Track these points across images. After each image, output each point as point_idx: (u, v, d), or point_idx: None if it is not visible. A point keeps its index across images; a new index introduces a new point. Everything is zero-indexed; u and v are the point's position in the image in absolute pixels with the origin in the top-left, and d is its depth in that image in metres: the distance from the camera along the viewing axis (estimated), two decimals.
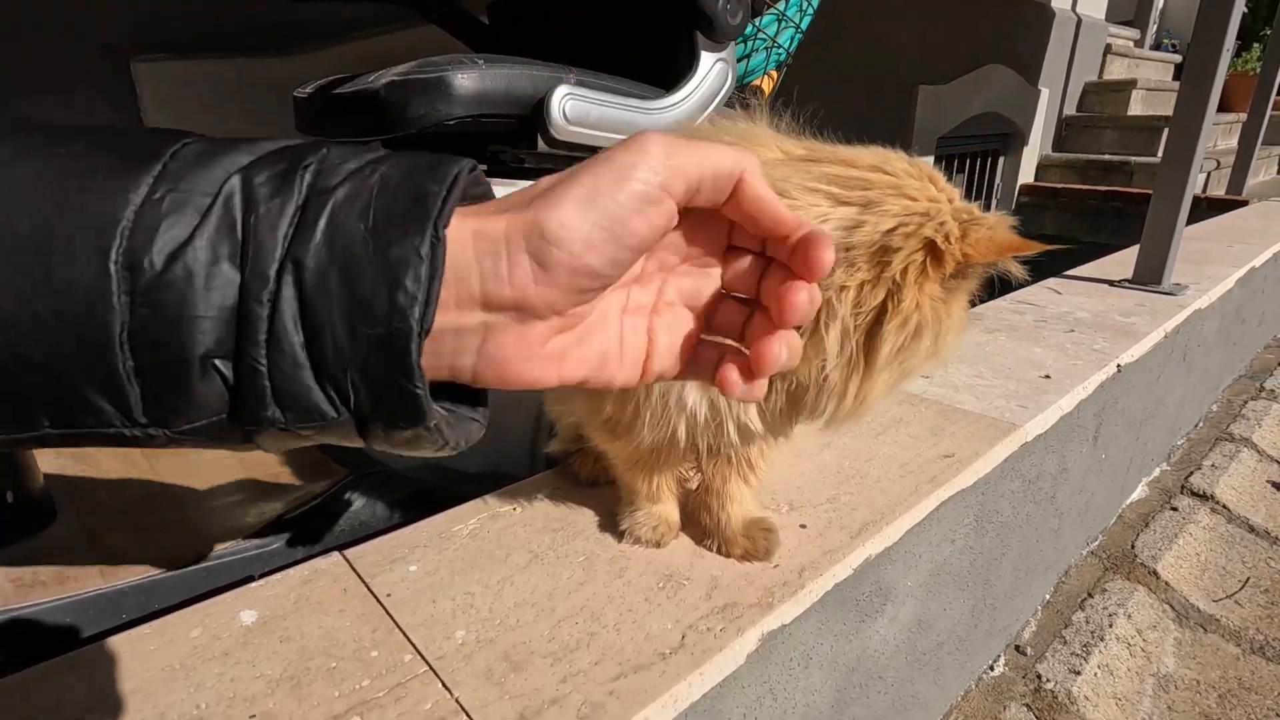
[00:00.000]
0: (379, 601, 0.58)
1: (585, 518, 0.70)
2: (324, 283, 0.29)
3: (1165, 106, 4.94)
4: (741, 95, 1.42)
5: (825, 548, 0.67)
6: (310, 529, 0.89)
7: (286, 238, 0.29)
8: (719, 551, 0.65)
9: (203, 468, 1.07)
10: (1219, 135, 5.36)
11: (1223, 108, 5.89)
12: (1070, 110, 4.97)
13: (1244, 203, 3.48)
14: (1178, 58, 6.20)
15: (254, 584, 0.59)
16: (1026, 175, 4.72)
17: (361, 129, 0.99)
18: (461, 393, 0.36)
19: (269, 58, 1.41)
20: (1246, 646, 1.19)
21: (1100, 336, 1.32)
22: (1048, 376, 1.11)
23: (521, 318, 0.32)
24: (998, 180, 4.67)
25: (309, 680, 0.50)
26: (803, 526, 0.70)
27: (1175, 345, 1.53)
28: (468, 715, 0.47)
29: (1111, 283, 1.75)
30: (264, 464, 1.09)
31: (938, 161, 3.95)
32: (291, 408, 0.30)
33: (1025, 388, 1.07)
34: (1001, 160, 4.62)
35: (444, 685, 0.49)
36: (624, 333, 0.35)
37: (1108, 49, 5.18)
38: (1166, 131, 1.64)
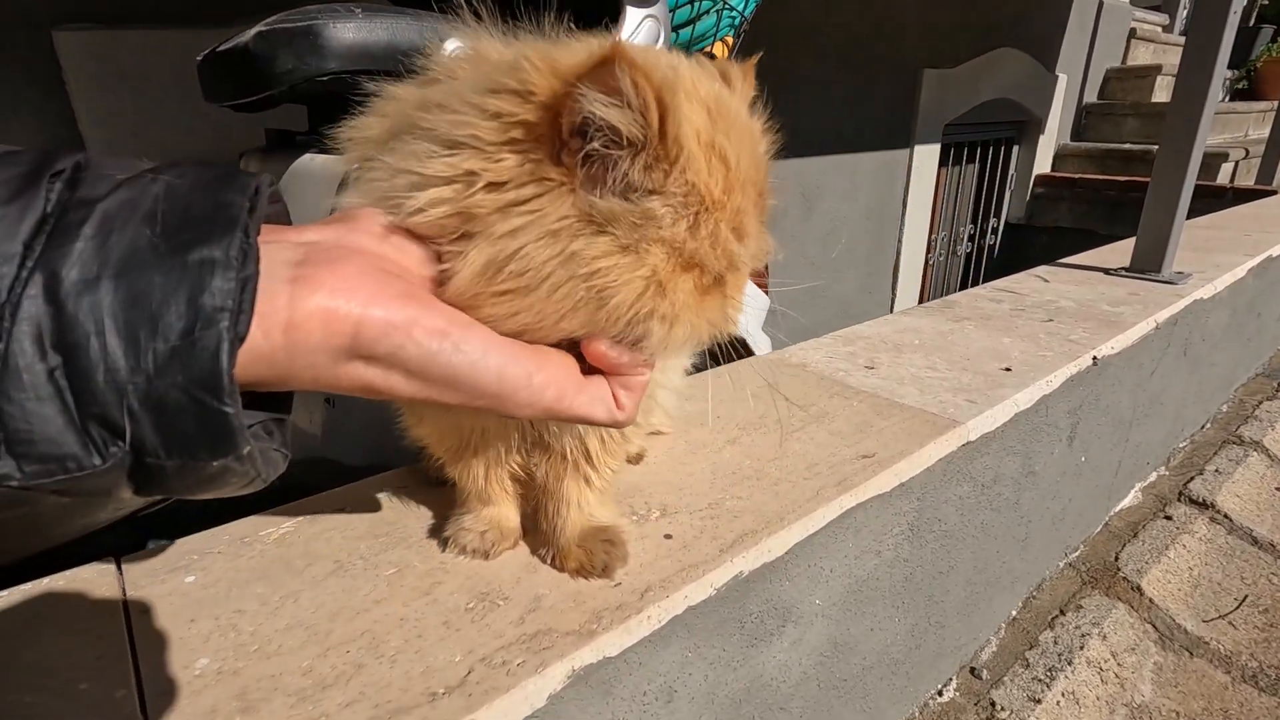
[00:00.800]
0: (127, 620, 0.49)
1: (419, 522, 0.61)
2: (91, 294, 0.25)
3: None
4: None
5: (686, 563, 0.56)
6: (158, 526, 0.81)
7: (29, 247, 0.25)
8: (553, 564, 0.55)
9: None
10: (1250, 124, 5.11)
11: (1255, 96, 5.64)
12: (1091, 98, 4.77)
13: (1272, 193, 3.28)
14: None
15: None
16: (1043, 165, 4.53)
17: (236, 90, 0.91)
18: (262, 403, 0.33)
19: (208, 29, 1.32)
20: (1237, 674, 1.07)
21: (1080, 327, 1.19)
22: (1008, 369, 0.99)
23: None
24: (1012, 170, 4.49)
25: None
26: (668, 537, 0.60)
27: (1173, 338, 1.39)
28: None
29: (1107, 271, 1.62)
30: None
31: (946, 150, 3.80)
32: (28, 455, 0.25)
33: (980, 381, 0.95)
34: (1016, 149, 4.44)
35: None
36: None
37: (1132, 33, 4.95)
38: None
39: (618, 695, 0.54)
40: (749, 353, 1.18)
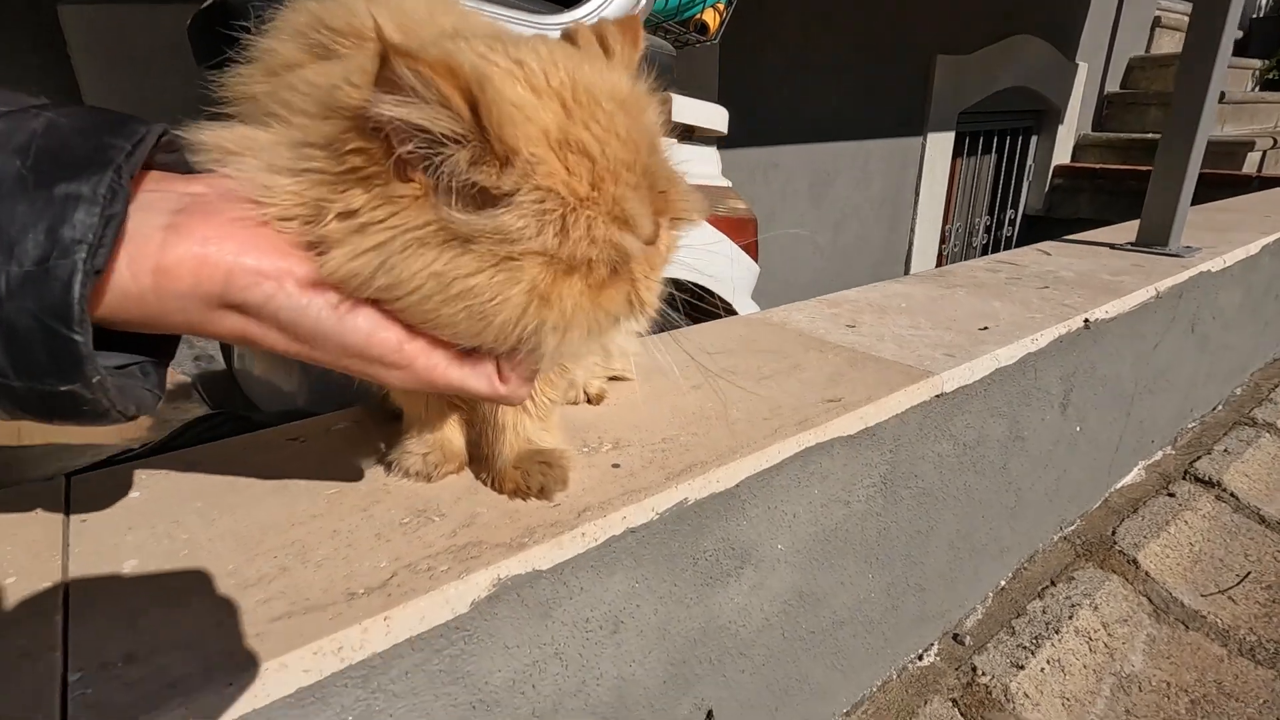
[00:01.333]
0: (66, 528, 0.50)
1: (369, 450, 0.61)
2: None
3: (1221, 83, 4.59)
4: (682, 30, 1.31)
5: (629, 488, 0.56)
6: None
7: None
8: (493, 487, 0.55)
9: None
10: (1279, 115, 4.97)
11: None
12: (1113, 87, 4.67)
13: None
14: (1238, 33, 5.79)
15: None
16: (1062, 155, 4.45)
17: (221, 48, 0.92)
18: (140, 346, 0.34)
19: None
20: (1234, 647, 1.03)
21: (1076, 293, 1.16)
22: (986, 328, 0.97)
23: None
24: (1030, 161, 4.41)
25: None
26: (615, 466, 0.59)
27: (1178, 312, 1.35)
28: (64, 651, 0.38)
29: (1113, 246, 1.58)
30: None
31: (961, 139, 3.74)
32: None
33: (963, 339, 0.93)
34: (1034, 139, 4.36)
35: (63, 619, 0.41)
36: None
37: (1157, 21, 4.84)
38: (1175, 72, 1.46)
39: (558, 619, 0.54)
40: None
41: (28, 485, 0.55)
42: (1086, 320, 1.05)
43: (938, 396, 0.81)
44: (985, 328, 0.96)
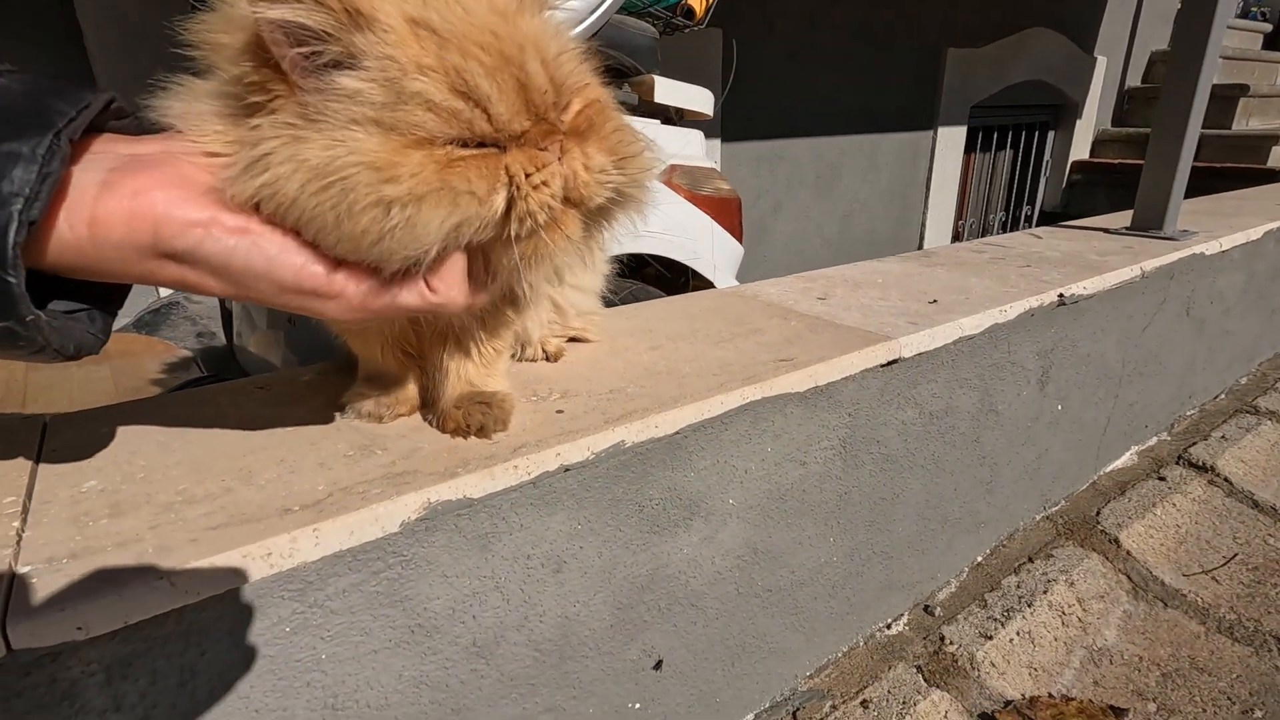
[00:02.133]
0: (37, 454, 0.53)
1: (328, 395, 0.64)
2: None
3: (1248, 76, 4.49)
4: (669, 15, 1.33)
5: (568, 430, 0.58)
6: None
7: None
8: (437, 427, 0.58)
9: (75, 373, 1.06)
10: None
11: None
12: (1134, 81, 4.59)
13: None
14: (1267, 26, 5.66)
15: None
16: (1081, 151, 4.39)
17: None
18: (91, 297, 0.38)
19: None
20: (1213, 625, 1.03)
21: (1058, 271, 1.16)
22: (935, 302, 0.98)
23: None
24: (1047, 156, 4.36)
25: None
26: (559, 412, 0.62)
27: (1169, 293, 1.34)
28: (17, 548, 0.42)
29: (1108, 231, 1.57)
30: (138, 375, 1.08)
31: (973, 133, 3.71)
32: None
33: (930, 309, 0.94)
34: (1051, 134, 4.31)
35: (20, 525, 0.44)
36: None
37: (1177, 16, 4.75)
38: (1171, 59, 1.45)
39: (497, 553, 0.56)
40: None
41: (8, 419, 0.59)
42: (1061, 295, 1.05)
43: (895, 361, 0.82)
44: (934, 301, 0.97)
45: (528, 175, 0.39)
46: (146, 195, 0.34)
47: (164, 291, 1.70)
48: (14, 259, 0.31)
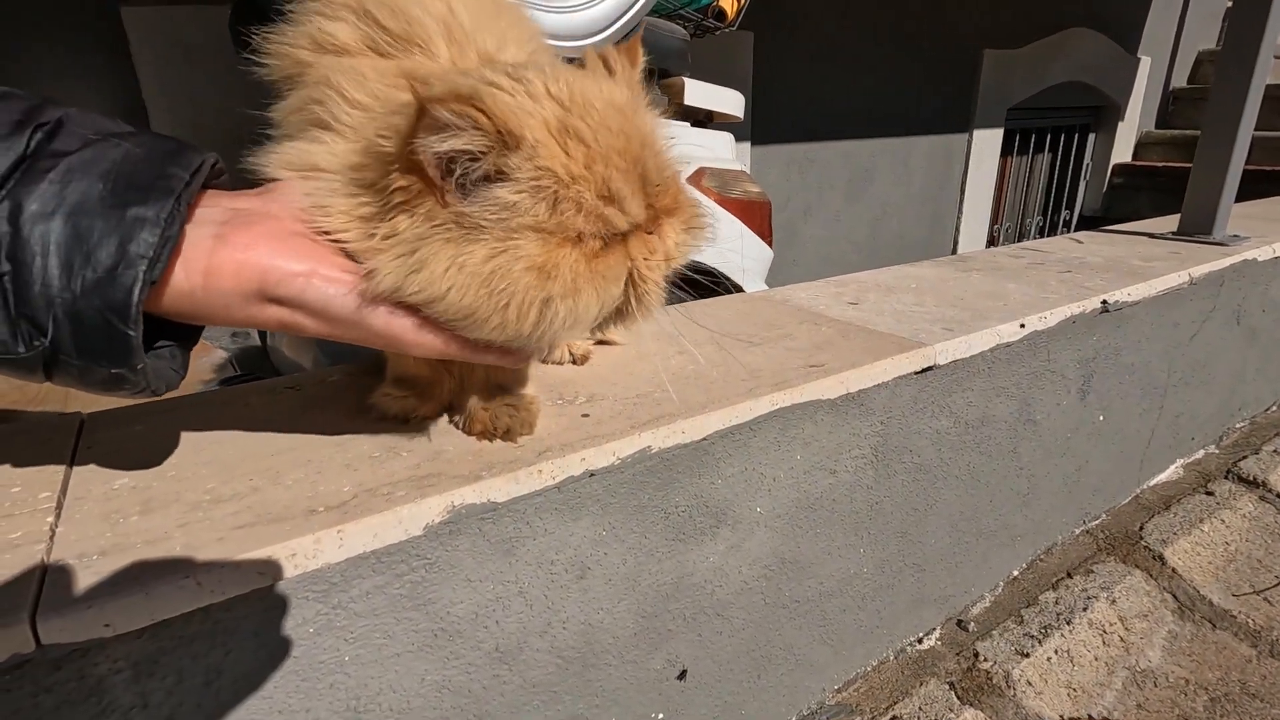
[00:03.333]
0: (73, 451, 0.54)
1: (357, 396, 0.64)
2: (44, 224, 0.33)
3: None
4: (700, 17, 1.32)
5: (594, 434, 0.57)
6: None
7: (5, 178, 0.33)
8: (463, 429, 0.57)
9: None
10: None
11: None
12: (1180, 82, 4.45)
13: None
14: None
15: None
16: (1123, 154, 4.27)
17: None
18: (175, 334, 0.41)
19: None
20: (1265, 648, 0.98)
21: (1100, 277, 1.13)
22: (958, 307, 0.95)
23: None
24: (1087, 159, 4.25)
25: None
26: (585, 416, 0.61)
27: (1219, 300, 1.29)
28: (50, 543, 0.42)
29: (1153, 235, 1.52)
30: None
31: (1010, 136, 3.63)
32: None
33: (966, 315, 0.91)
34: (1092, 137, 4.19)
35: (54, 520, 0.45)
36: None
37: (1229, 13, 4.60)
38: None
39: (521, 558, 0.56)
40: None
41: (48, 416, 0.60)
42: (1104, 302, 1.01)
43: (929, 369, 0.80)
44: (958, 306, 0.94)
45: (645, 259, 0.44)
46: (254, 249, 0.39)
47: None
48: (136, 315, 0.35)
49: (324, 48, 0.48)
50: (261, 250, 0.39)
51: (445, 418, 0.60)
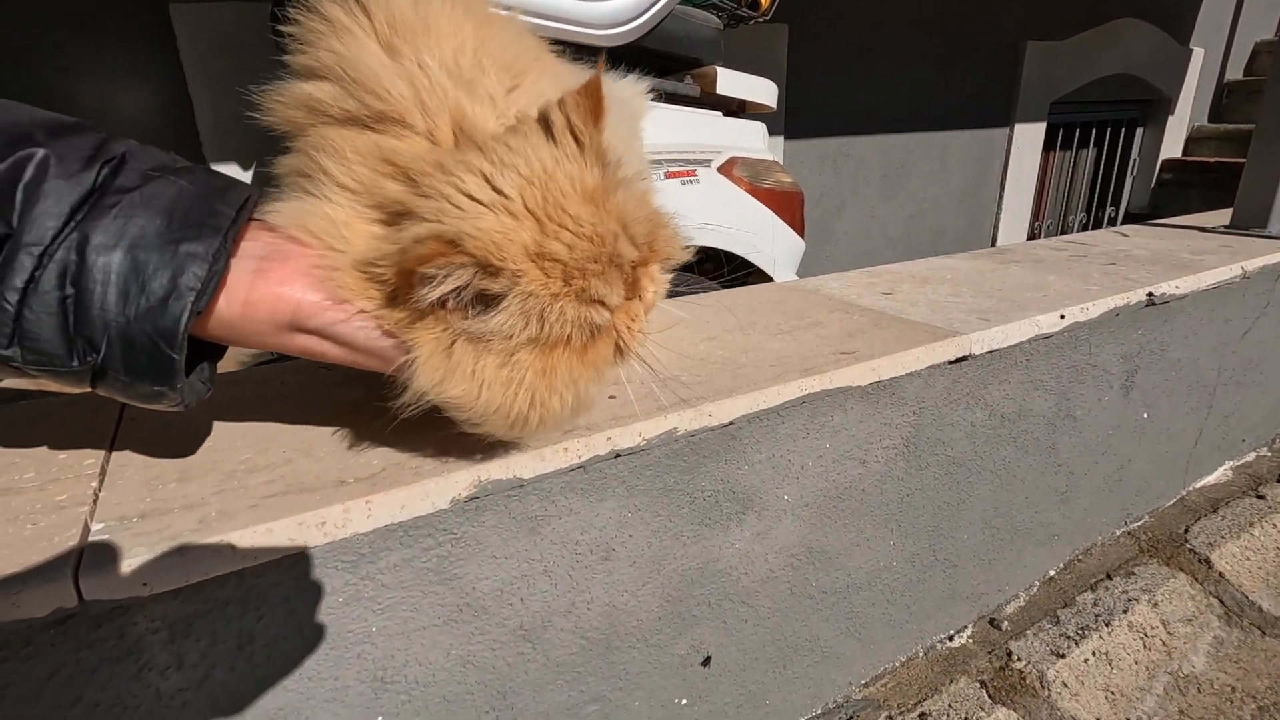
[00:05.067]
0: (116, 423, 0.56)
1: (388, 379, 0.65)
2: (108, 255, 0.36)
3: None
4: (734, 7, 1.31)
5: (619, 415, 0.57)
6: None
7: (75, 210, 0.36)
8: None
9: None
10: None
11: None
12: (1234, 74, 4.28)
13: None
14: None
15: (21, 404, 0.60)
16: (1172, 149, 4.12)
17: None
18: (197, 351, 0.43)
19: None
20: None
21: (1146, 270, 1.09)
22: (995, 297, 0.92)
23: None
24: (1134, 155, 4.12)
25: None
26: (611, 398, 0.61)
27: (1275, 296, 1.24)
28: (93, 506, 0.44)
29: (1204, 229, 1.46)
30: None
31: (1053, 131, 3.54)
32: (33, 350, 0.36)
33: (1003, 305, 0.89)
34: (1140, 131, 4.06)
35: (98, 485, 0.46)
36: None
37: None
38: None
39: (546, 537, 0.56)
40: None
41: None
42: (1150, 294, 0.98)
43: (965, 359, 0.78)
44: (1006, 298, 0.92)
45: (628, 328, 0.48)
46: (290, 284, 0.42)
47: None
48: (182, 341, 0.38)
49: (314, 111, 0.49)
50: (297, 285, 0.42)
51: None
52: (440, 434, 0.54)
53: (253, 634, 0.45)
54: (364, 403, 0.60)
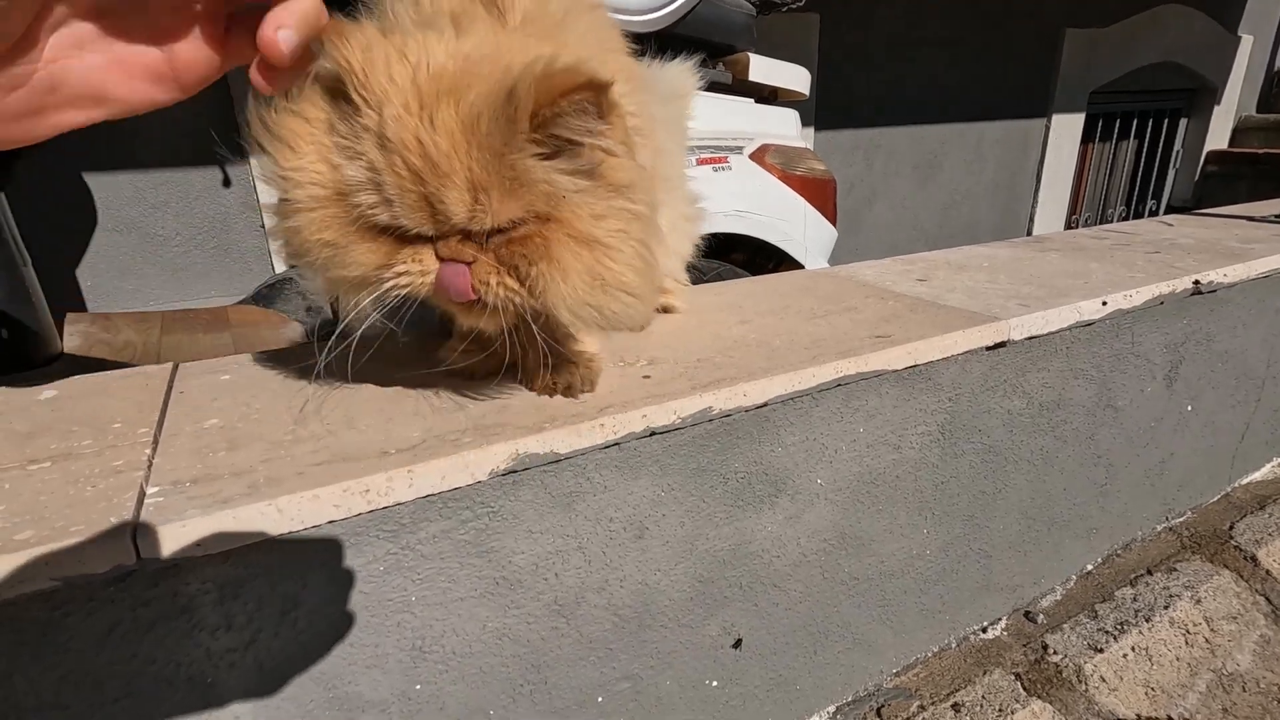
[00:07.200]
0: (167, 394, 0.58)
1: (425, 356, 0.66)
2: None
3: None
4: None
5: (654, 394, 0.58)
6: None
7: None
8: (526, 385, 0.58)
9: (202, 339, 1.15)
10: None
11: None
12: None
13: None
14: None
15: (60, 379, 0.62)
16: (1218, 140, 4.00)
17: None
18: None
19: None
20: None
21: (1193, 258, 1.06)
22: (1034, 284, 0.90)
23: None
24: (1177, 146, 4.00)
25: (41, 434, 0.50)
26: (646, 378, 0.61)
27: None
28: (148, 471, 0.45)
29: (1253, 219, 1.41)
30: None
31: (1093, 121, 3.45)
32: None
33: (1043, 292, 0.87)
34: (1183, 121, 3.94)
35: (151, 452, 0.48)
36: (116, 55, 0.28)
37: None
38: None
39: (580, 513, 0.56)
40: None
41: (145, 366, 0.64)
42: (1197, 282, 0.95)
43: (1003, 344, 0.77)
44: (1045, 285, 0.90)
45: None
46: None
47: (279, 268, 1.81)
48: None
49: None
50: None
51: (510, 375, 0.61)
52: (480, 410, 0.55)
53: (297, 600, 0.46)
54: (405, 380, 0.61)
